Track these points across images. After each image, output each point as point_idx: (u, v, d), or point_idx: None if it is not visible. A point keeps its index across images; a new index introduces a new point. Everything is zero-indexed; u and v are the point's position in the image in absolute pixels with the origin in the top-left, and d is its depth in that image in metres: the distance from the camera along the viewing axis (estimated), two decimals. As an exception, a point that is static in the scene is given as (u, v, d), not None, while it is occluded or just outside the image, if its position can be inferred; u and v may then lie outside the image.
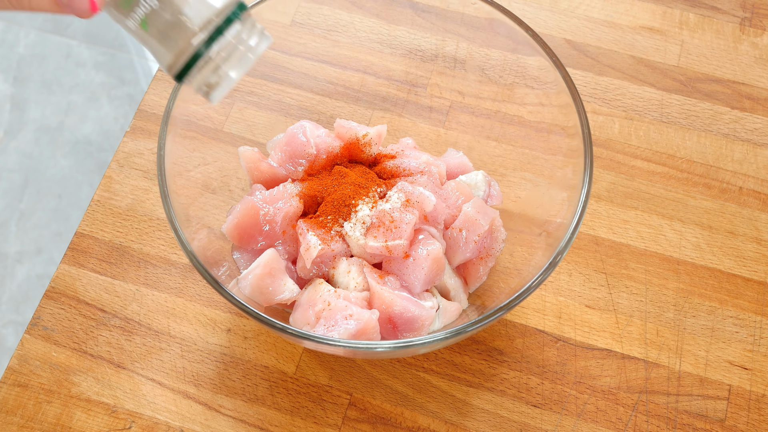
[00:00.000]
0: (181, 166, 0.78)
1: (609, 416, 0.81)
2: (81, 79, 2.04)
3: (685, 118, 0.95)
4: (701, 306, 0.86)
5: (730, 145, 0.94)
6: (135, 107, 1.97)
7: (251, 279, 0.75)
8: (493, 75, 0.87)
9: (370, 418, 0.81)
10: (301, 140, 0.82)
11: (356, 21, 0.94)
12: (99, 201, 0.91)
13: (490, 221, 0.79)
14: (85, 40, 2.08)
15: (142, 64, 2.05)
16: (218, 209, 0.83)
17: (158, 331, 0.85)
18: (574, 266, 0.88)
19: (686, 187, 0.92)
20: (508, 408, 0.81)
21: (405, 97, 0.93)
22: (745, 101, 0.97)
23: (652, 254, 0.88)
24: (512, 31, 0.80)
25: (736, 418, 0.81)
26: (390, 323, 0.75)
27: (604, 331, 0.84)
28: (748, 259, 0.88)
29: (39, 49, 2.08)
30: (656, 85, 0.97)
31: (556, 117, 0.80)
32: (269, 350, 0.84)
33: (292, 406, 0.81)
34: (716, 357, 0.83)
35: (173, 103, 0.76)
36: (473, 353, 0.83)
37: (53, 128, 1.97)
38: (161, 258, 0.88)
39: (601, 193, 0.91)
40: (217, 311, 0.85)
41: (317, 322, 0.74)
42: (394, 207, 0.77)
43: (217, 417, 0.81)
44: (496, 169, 0.88)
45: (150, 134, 0.95)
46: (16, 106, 2.00)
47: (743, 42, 1.00)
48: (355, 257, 0.78)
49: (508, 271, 0.82)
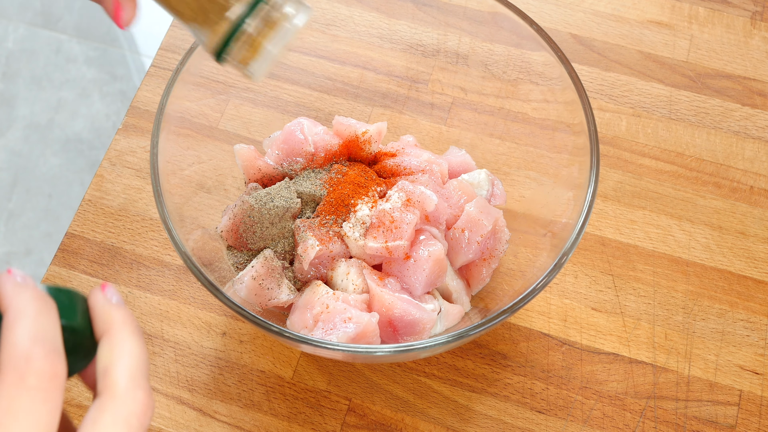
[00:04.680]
0: (174, 165, 0.78)
1: (616, 422, 0.80)
2: (71, 74, 2.04)
3: (695, 115, 0.95)
4: (711, 309, 0.85)
5: (741, 143, 0.94)
6: (127, 104, 1.97)
7: (247, 281, 0.75)
8: (496, 71, 0.87)
9: (370, 424, 0.81)
10: (298, 138, 0.82)
11: (355, 15, 0.94)
12: (90, 200, 0.91)
13: (493, 221, 0.79)
14: (75, 35, 2.08)
15: (135, 59, 2.06)
16: (213, 209, 0.82)
17: (151, 335, 0.84)
18: (580, 268, 0.87)
19: (696, 186, 0.92)
20: (511, 414, 0.81)
21: (406, 94, 0.93)
22: (756, 97, 0.96)
23: (661, 255, 0.88)
24: (516, 26, 0.80)
25: (747, 424, 0.80)
26: (390, 326, 0.75)
27: (610, 335, 0.84)
28: (759, 261, 0.88)
29: (28, 43, 2.08)
30: (665, 81, 0.97)
31: (562, 114, 0.79)
32: (266, 354, 0.83)
33: (289, 412, 0.81)
34: (726, 361, 0.83)
35: (167, 100, 0.75)
36: (476, 357, 0.83)
37: (43, 125, 1.98)
38: (154, 259, 0.88)
39: (607, 193, 0.91)
40: (211, 314, 0.85)
41: (315, 326, 0.73)
42: (394, 207, 0.77)
43: (212, 423, 0.80)
44: (500, 167, 0.87)
45: (143, 132, 0.95)
46: (5, 103, 2.00)
47: (754, 36, 1.00)
48: (355, 258, 0.78)
49: (511, 273, 0.82)
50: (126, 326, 0.47)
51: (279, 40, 0.58)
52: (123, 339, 0.47)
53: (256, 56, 0.58)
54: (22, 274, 0.47)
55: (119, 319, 0.47)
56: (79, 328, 0.47)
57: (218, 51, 0.58)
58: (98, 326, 0.48)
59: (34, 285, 0.46)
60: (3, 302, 0.45)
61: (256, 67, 0.59)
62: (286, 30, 0.58)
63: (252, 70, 0.59)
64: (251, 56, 0.58)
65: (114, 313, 0.48)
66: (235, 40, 0.57)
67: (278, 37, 0.58)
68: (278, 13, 0.57)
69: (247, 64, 0.58)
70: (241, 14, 0.56)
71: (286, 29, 0.58)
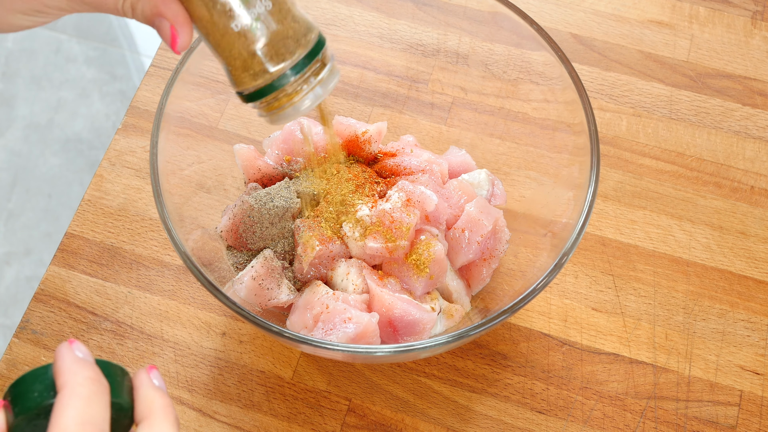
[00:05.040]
0: (174, 165, 0.78)
1: (616, 423, 0.80)
2: (71, 74, 2.03)
3: (695, 114, 0.95)
4: (711, 309, 0.85)
5: (742, 143, 0.93)
6: (127, 104, 1.97)
7: (247, 281, 0.75)
8: (496, 70, 0.87)
9: (370, 424, 0.80)
10: (298, 138, 0.82)
11: (355, 14, 0.93)
12: (90, 200, 0.91)
13: (493, 221, 0.79)
14: (75, 35, 2.08)
15: (134, 59, 2.05)
16: (213, 209, 0.82)
17: (151, 335, 0.84)
18: (581, 268, 0.87)
19: (696, 186, 0.91)
20: (512, 414, 0.81)
21: (406, 94, 0.93)
22: (757, 97, 0.96)
23: (661, 255, 0.88)
24: (516, 25, 0.80)
25: (748, 424, 0.80)
26: (390, 327, 0.75)
27: (611, 335, 0.84)
28: (760, 261, 0.87)
29: (28, 43, 2.07)
30: (665, 81, 0.97)
31: (562, 114, 0.79)
32: (265, 354, 0.83)
33: (289, 413, 0.81)
34: (727, 361, 0.83)
35: (166, 100, 0.75)
36: (476, 358, 0.83)
37: (43, 125, 1.97)
38: (154, 259, 0.88)
39: (608, 193, 0.91)
40: (211, 314, 0.85)
41: (315, 326, 0.73)
42: (394, 207, 0.77)
43: (211, 423, 0.80)
44: (500, 167, 0.87)
45: (142, 131, 0.94)
46: (5, 103, 2.00)
47: (755, 36, 1.00)
48: (355, 258, 0.78)
49: (512, 273, 0.81)
50: (167, 416, 0.49)
51: (308, 101, 0.60)
52: (162, 429, 0.49)
53: (283, 110, 0.60)
54: (82, 348, 0.49)
55: (160, 406, 0.50)
56: (124, 407, 0.50)
57: (251, 97, 0.60)
58: (140, 408, 0.50)
59: (93, 363, 0.48)
60: (59, 378, 0.47)
61: (279, 117, 0.61)
62: (317, 95, 0.60)
63: (274, 119, 0.61)
64: (278, 107, 0.60)
65: (156, 399, 0.50)
66: (272, 94, 0.59)
67: (308, 98, 0.60)
68: (315, 79, 0.60)
69: (270, 112, 0.61)
70: (285, 74, 0.58)
71: (317, 95, 0.60)
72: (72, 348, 0.48)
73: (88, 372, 0.47)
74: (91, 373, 0.47)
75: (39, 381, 0.48)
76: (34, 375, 0.48)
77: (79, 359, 0.48)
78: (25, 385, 0.48)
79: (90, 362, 0.48)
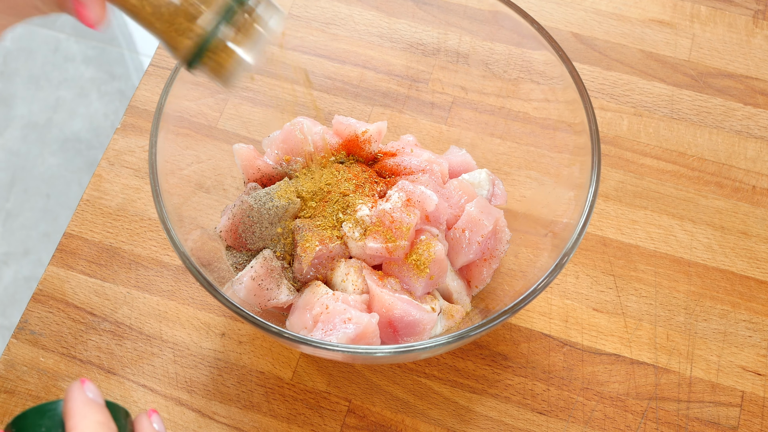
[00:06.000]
0: (173, 164, 0.77)
1: (617, 424, 0.80)
2: (70, 74, 2.03)
3: (697, 114, 0.95)
4: (713, 309, 0.85)
5: (743, 143, 0.93)
6: (126, 103, 1.97)
7: (246, 281, 0.75)
8: (497, 70, 0.87)
9: (370, 425, 0.80)
10: (298, 137, 0.82)
11: (355, 14, 0.93)
12: (88, 200, 0.91)
13: (493, 221, 0.79)
14: (74, 34, 2.08)
15: (133, 58, 2.05)
16: (212, 209, 0.82)
17: (150, 336, 0.84)
18: (581, 268, 0.87)
19: (697, 186, 0.91)
20: (512, 415, 0.81)
21: (406, 93, 0.93)
22: (758, 97, 0.96)
23: (662, 256, 0.88)
24: (517, 24, 0.80)
25: (750, 425, 0.80)
26: (390, 327, 0.75)
27: (612, 336, 0.84)
28: (761, 261, 0.87)
29: (26, 42, 2.07)
30: (666, 81, 0.97)
31: (563, 113, 0.79)
32: (265, 355, 0.83)
33: (288, 413, 0.81)
34: (729, 362, 0.83)
35: (165, 99, 0.75)
36: (476, 358, 0.83)
37: (41, 125, 1.97)
38: (153, 259, 0.87)
39: (609, 193, 0.91)
40: (210, 315, 0.85)
41: (315, 326, 0.73)
42: (394, 207, 0.77)
43: (210, 424, 0.80)
44: (500, 167, 0.87)
45: (141, 131, 0.94)
46: (3, 102, 2.00)
47: (756, 35, 1.00)
48: (354, 259, 0.78)
49: (512, 273, 0.81)
50: None
51: (253, 47, 0.57)
52: None
53: (228, 65, 0.57)
54: (93, 389, 0.50)
55: None
56: None
57: (190, 60, 0.56)
58: None
59: (103, 406, 0.50)
60: (69, 420, 0.48)
61: (228, 76, 0.57)
62: (257, 38, 0.57)
63: (224, 79, 0.58)
64: (225, 64, 0.57)
65: None
66: (208, 49, 0.55)
67: (252, 44, 0.57)
68: (251, 19, 0.56)
69: (221, 72, 0.57)
70: (214, 23, 0.55)
71: (257, 38, 0.57)
72: (84, 389, 0.49)
73: (98, 416, 0.48)
74: (101, 417, 0.48)
75: (47, 417, 0.48)
76: (41, 411, 0.49)
77: (90, 401, 0.49)
78: (32, 420, 0.48)
79: (100, 405, 0.49)
